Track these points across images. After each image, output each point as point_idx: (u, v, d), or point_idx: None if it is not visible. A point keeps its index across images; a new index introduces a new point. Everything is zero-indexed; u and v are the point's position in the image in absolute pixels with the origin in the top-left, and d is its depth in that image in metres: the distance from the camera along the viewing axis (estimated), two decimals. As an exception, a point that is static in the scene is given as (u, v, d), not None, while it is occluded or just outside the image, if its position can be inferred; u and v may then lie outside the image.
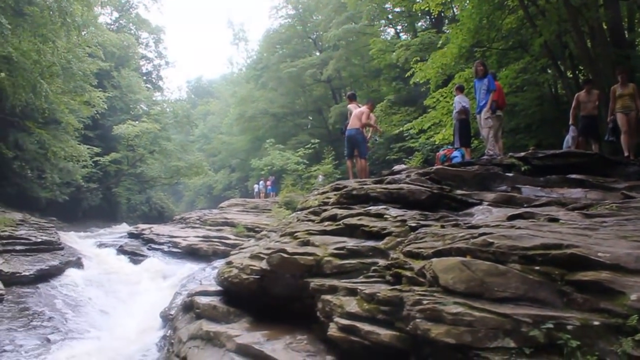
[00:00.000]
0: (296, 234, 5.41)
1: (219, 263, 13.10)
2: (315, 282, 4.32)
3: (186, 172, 40.92)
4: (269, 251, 5.06)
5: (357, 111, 11.96)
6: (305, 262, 4.57)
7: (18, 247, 15.11)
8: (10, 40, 18.37)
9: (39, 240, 16.36)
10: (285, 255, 4.71)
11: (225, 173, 58.96)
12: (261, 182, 37.34)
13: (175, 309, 9.85)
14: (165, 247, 19.62)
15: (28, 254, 15.22)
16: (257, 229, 18.82)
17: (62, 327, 11.17)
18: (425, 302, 3.14)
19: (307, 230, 5.40)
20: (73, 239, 21.01)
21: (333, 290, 4.08)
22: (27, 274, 13.77)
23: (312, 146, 32.99)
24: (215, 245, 18.52)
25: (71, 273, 15.59)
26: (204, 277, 12.02)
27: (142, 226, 24.15)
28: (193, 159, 41.88)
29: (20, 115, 22.79)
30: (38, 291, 13.31)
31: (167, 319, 9.80)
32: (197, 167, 40.95)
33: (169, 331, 8.77)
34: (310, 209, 6.89)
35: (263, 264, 5.01)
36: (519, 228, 3.86)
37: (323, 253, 4.60)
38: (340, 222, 5.36)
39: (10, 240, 14.94)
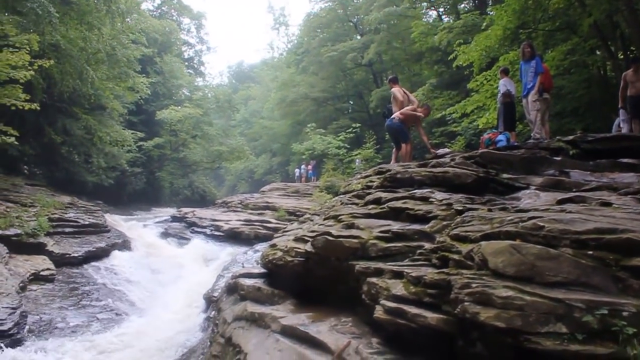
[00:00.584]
0: (340, 217, 5.37)
1: (261, 246, 13.23)
2: (360, 265, 4.28)
3: (228, 156, 41.25)
4: (314, 234, 5.04)
5: (401, 100, 11.79)
6: (350, 245, 4.53)
7: (67, 230, 15.54)
8: (58, 29, 18.75)
9: (87, 222, 16.78)
10: (330, 238, 4.68)
11: (266, 157, 59.30)
12: (302, 167, 37.40)
13: (218, 291, 9.97)
14: (207, 231, 19.85)
15: (76, 236, 15.64)
16: (298, 213, 18.88)
17: (109, 307, 11.46)
18: (474, 285, 3.07)
19: (351, 214, 5.36)
20: (118, 222, 21.47)
21: (379, 273, 4.04)
22: (76, 255, 14.17)
23: (353, 130, 32.85)
24: (256, 229, 18.64)
25: (117, 255, 15.96)
26: (246, 260, 12.13)
27: (185, 210, 24.51)
28: (234, 143, 42.21)
29: (67, 101, 23.29)
30: (86, 272, 13.68)
31: (211, 300, 9.93)
32: (238, 151, 41.24)
33: (213, 312, 8.89)
34: (354, 193, 6.84)
35: (307, 247, 4.99)
36: (570, 212, 3.75)
37: (368, 236, 4.55)
38: (385, 205, 5.30)
39: (60, 223, 15.37)
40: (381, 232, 4.59)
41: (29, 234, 13.10)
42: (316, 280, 5.06)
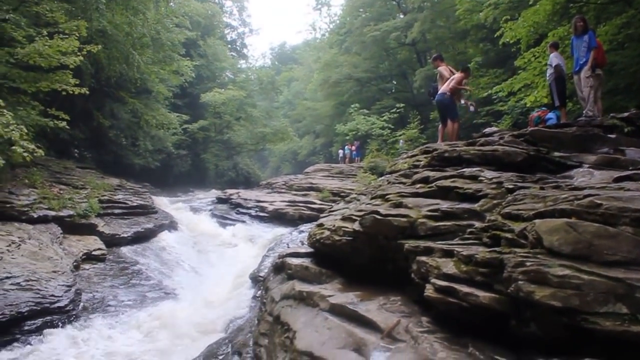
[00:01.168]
0: (387, 197, 5.30)
1: (306, 227, 13.28)
2: (409, 244, 4.22)
3: (271, 138, 41.47)
4: (361, 213, 4.99)
5: (448, 77, 11.64)
6: (399, 224, 4.47)
7: (116, 211, 15.92)
8: (105, 15, 19.07)
9: (135, 204, 17.16)
10: (379, 217, 4.63)
11: (309, 139, 59.35)
12: (346, 147, 37.29)
13: (264, 270, 10.06)
14: (252, 212, 20.03)
15: (125, 217, 16.02)
16: (342, 194, 18.86)
17: (157, 286, 11.71)
18: (528, 263, 2.98)
19: (398, 193, 5.29)
20: (165, 204, 21.87)
21: (428, 251, 3.97)
22: (125, 235, 14.53)
23: (397, 111, 32.49)
24: (301, 210, 18.71)
25: (164, 235, 16.29)
26: (291, 240, 12.19)
27: (230, 191, 24.78)
28: (278, 125, 42.40)
29: (114, 86, 23.74)
30: (135, 252, 14.00)
31: (257, 280, 10.03)
32: (282, 133, 41.41)
33: (259, 292, 8.98)
34: (400, 172, 6.76)
35: (355, 226, 4.95)
36: (629, 190, 3.59)
37: (416, 215, 4.48)
38: (433, 184, 5.21)
39: (109, 204, 15.76)
40: (430, 210, 4.51)
41: (80, 215, 13.47)
42: (364, 259, 5.02)
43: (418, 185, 5.55)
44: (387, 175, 7.88)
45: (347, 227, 5.12)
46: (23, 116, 12.53)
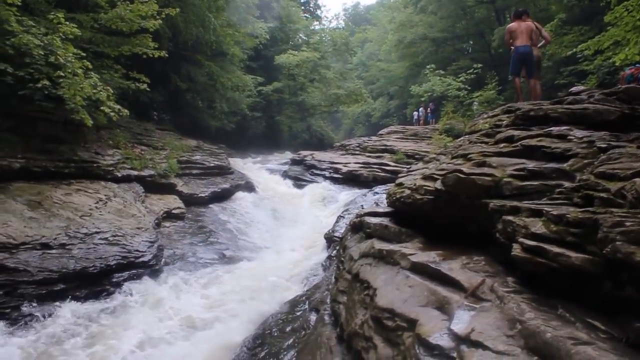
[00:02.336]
0: (469, 156, 5.13)
1: (380, 189, 13.21)
2: (494, 203, 4.07)
3: (345, 99, 41.28)
4: (443, 172, 4.86)
5: (527, 27, 11.07)
6: (483, 183, 4.32)
7: (194, 171, 16.33)
8: (182, -23, 19.31)
9: (212, 165, 17.54)
10: (462, 176, 4.49)
11: (383, 100, 58.71)
12: (420, 109, 36.67)
13: (339, 231, 10.11)
14: (326, 173, 20.11)
15: (203, 177, 16.43)
16: (417, 156, 18.64)
17: (234, 244, 12.00)
18: (627, 223, 2.79)
19: (481, 152, 5.11)
20: (240, 165, 22.26)
21: (515, 211, 3.82)
22: (202, 195, 14.92)
23: (474, 71, 31.42)
24: (375, 172, 18.63)
25: (240, 196, 16.62)
26: (365, 202, 12.17)
27: (303, 153, 24.95)
28: (352, 86, 42.07)
29: (191, 49, 24.07)
30: (212, 211, 14.38)
31: (332, 240, 10.09)
32: (356, 94, 41.12)
33: (334, 251, 9.03)
34: (482, 132, 6.52)
35: (437, 185, 4.83)
36: None
37: (501, 174, 4.31)
38: (518, 143, 4.99)
39: (187, 165, 16.18)
40: (515, 170, 4.33)
41: (161, 174, 13.90)
42: (445, 219, 4.91)
43: (502, 145, 5.33)
44: (467, 136, 7.64)
45: (428, 186, 5.01)
46: (107, 79, 12.93)
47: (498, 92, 27.20)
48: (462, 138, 7.81)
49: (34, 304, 7.21)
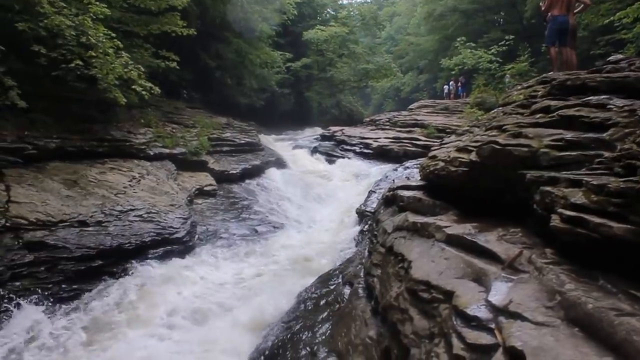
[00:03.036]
0: (505, 127, 5.02)
1: (411, 163, 13.11)
2: (531, 174, 3.99)
3: (374, 74, 40.93)
4: (478, 143, 4.78)
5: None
6: (519, 154, 4.23)
7: (225, 148, 16.43)
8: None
9: (242, 142, 17.62)
10: (497, 147, 4.41)
11: (413, 75, 58.09)
12: (451, 83, 36.18)
13: (371, 205, 10.08)
14: (356, 149, 20.05)
15: (234, 154, 16.52)
16: (447, 130, 18.41)
17: (266, 220, 12.07)
18: (672, 192, 2.72)
19: (516, 123, 4.99)
20: (270, 141, 22.30)
21: (553, 181, 3.73)
22: (233, 172, 15.01)
23: (506, 43, 30.74)
24: (405, 147, 18.51)
25: (271, 172, 16.67)
26: (396, 176, 12.07)
27: (333, 128, 24.87)
28: (381, 61, 41.63)
29: (219, 26, 24.06)
30: (243, 187, 14.47)
31: (363, 215, 10.07)
32: (385, 69, 40.72)
33: (366, 226, 9.03)
34: (516, 103, 6.38)
35: (472, 156, 4.75)
36: None
37: (538, 144, 4.21)
38: (554, 113, 4.86)
39: (218, 142, 16.28)
40: (553, 140, 4.22)
41: (192, 152, 14.01)
42: (480, 191, 4.84)
43: (538, 116, 5.21)
44: (500, 108, 7.49)
45: (463, 158, 4.93)
46: (137, 58, 13.01)
47: (531, 64, 26.59)
48: (495, 110, 7.67)
49: (74, 280, 7.40)
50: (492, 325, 2.85)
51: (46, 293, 6.95)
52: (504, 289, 3.14)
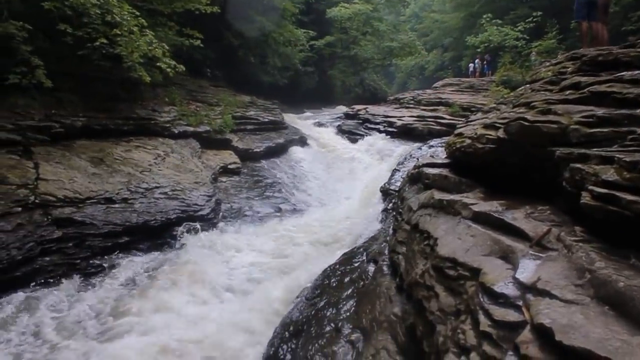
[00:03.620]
0: (533, 104, 4.92)
1: (435, 142, 12.99)
2: (561, 151, 3.91)
3: (398, 52, 40.52)
4: (506, 120, 4.70)
5: None
6: (549, 130, 4.14)
7: (249, 127, 16.47)
8: None
9: (266, 120, 17.63)
10: (526, 124, 4.32)
11: (437, 53, 57.36)
12: (476, 61, 35.67)
13: (395, 184, 10.03)
14: (380, 127, 19.90)
15: (257, 132, 16.56)
16: (472, 109, 18.17)
17: (290, 198, 12.13)
18: None
19: (545, 100, 4.89)
20: (294, 120, 22.27)
21: (583, 158, 3.65)
22: (257, 150, 15.06)
23: (533, 20, 30.15)
24: (430, 125, 18.34)
25: (295, 150, 16.69)
26: (421, 155, 11.98)
27: (357, 107, 24.71)
28: (405, 39, 41.12)
29: (242, 4, 23.95)
30: (267, 166, 14.51)
31: (387, 193, 10.03)
32: (409, 47, 40.27)
33: (390, 204, 8.99)
34: (545, 80, 6.25)
35: (500, 133, 4.67)
36: None
37: (568, 121, 4.12)
38: (585, 90, 4.74)
39: (242, 120, 16.32)
40: (583, 117, 4.12)
41: (216, 130, 14.07)
42: (507, 169, 4.76)
43: (567, 92, 5.09)
44: (528, 85, 7.36)
45: (490, 135, 4.85)
46: (162, 36, 13.02)
47: (559, 41, 26.12)
48: (522, 87, 7.54)
49: (101, 256, 7.54)
50: (520, 303, 2.81)
51: (76, 268, 7.12)
52: (532, 267, 3.09)
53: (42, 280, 6.73)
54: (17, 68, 9.06)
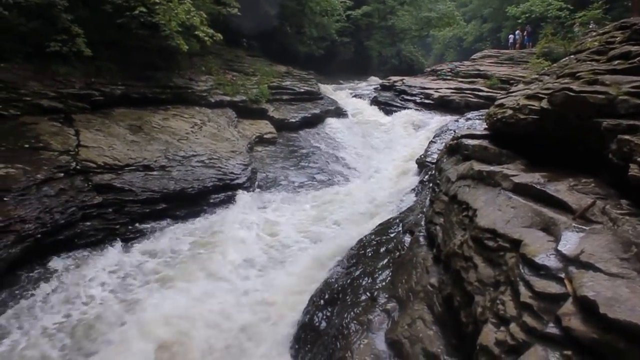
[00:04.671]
0: (578, 74, 4.77)
1: (473, 114, 12.80)
2: (608, 122, 3.79)
3: (436, 23, 39.73)
4: (550, 91, 4.57)
5: None
6: (595, 101, 4.01)
7: (285, 97, 16.45)
8: None
9: (302, 90, 17.57)
10: (571, 94, 4.19)
11: (476, 24, 56.08)
12: (517, 32, 34.75)
13: (431, 156, 9.93)
14: (417, 99, 19.62)
15: (293, 102, 16.53)
16: (511, 81, 17.80)
17: (325, 169, 12.13)
18: None
19: (591, 70, 4.73)
20: (330, 90, 22.10)
21: (632, 130, 3.54)
22: (293, 120, 15.05)
23: (578, -11, 29.23)
24: (467, 97, 18.01)
25: (330, 121, 16.60)
26: (457, 127, 11.82)
27: (393, 78, 24.39)
28: (444, 9, 40.21)
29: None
30: (303, 136, 14.51)
31: (423, 165, 9.95)
32: (447, 17, 39.41)
33: (426, 176, 8.93)
34: (591, 50, 6.06)
35: (543, 104, 4.55)
36: None
37: (616, 92, 3.98)
38: (635, 59, 4.58)
39: (278, 90, 16.31)
40: (633, 87, 3.96)
41: (252, 100, 14.10)
42: (550, 140, 4.65)
43: (615, 62, 4.92)
44: (572, 55, 7.14)
45: (533, 105, 4.73)
46: (199, 4, 13.00)
47: (604, 12, 25.25)
48: (567, 58, 7.33)
49: (140, 222, 7.70)
50: (562, 275, 2.76)
51: (116, 233, 7.29)
52: (575, 239, 3.03)
53: (84, 243, 6.92)
54: (58, 36, 9.20)
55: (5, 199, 6.22)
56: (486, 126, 6.29)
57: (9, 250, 5.74)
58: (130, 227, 7.53)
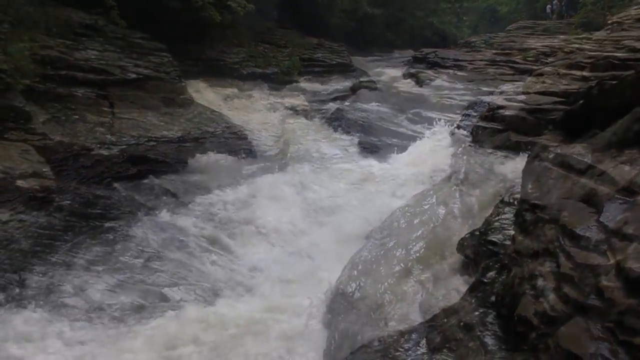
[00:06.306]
0: (623, 42, 4.64)
1: (507, 87, 12.52)
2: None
3: (470, -8, 39.08)
4: (592, 59, 4.44)
5: None
6: None
7: (317, 69, 16.38)
8: None
9: (334, 62, 17.46)
10: (616, 62, 4.08)
11: (510, -6, 54.87)
12: (554, 2, 33.87)
13: (465, 128, 9.78)
14: (450, 71, 19.31)
15: (324, 75, 16.44)
16: (547, 53, 17.36)
17: (358, 141, 12.02)
18: None
19: (637, 37, 4.59)
20: (361, 63, 21.88)
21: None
22: (325, 92, 14.94)
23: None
24: (502, 69, 17.65)
25: (363, 93, 16.39)
26: (492, 100, 11.61)
27: (426, 50, 24.02)
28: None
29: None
30: (334, 108, 14.36)
31: (457, 137, 9.81)
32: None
33: (459, 148, 8.80)
34: (636, 18, 5.88)
35: (585, 72, 4.43)
36: None
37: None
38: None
39: (309, 62, 16.24)
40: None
41: (284, 72, 14.08)
42: (591, 112, 4.52)
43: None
44: (616, 24, 6.94)
45: (574, 75, 4.60)
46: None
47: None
48: (609, 26, 7.13)
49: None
50: (604, 247, 2.70)
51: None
52: (618, 211, 2.95)
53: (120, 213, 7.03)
54: (93, 9, 9.26)
55: (44, 170, 6.34)
56: (524, 97, 6.17)
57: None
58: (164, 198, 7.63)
